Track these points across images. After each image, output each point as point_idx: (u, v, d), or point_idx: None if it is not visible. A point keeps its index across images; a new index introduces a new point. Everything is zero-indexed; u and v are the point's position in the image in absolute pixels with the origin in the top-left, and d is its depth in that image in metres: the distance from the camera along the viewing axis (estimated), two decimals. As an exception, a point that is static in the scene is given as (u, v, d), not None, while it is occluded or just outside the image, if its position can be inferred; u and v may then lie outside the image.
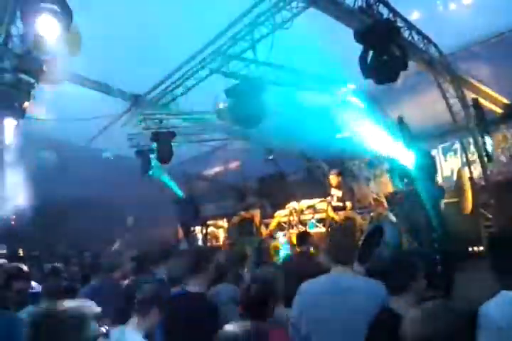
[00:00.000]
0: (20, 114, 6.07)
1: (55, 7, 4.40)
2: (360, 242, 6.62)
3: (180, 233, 14.16)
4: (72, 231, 10.96)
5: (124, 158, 10.90)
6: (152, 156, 10.08)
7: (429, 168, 7.41)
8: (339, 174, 10.42)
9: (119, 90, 8.77)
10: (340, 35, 5.59)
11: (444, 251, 6.10)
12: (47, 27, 4.63)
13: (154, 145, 9.51)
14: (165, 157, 9.31)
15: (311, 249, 6.14)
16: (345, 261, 3.20)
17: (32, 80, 5.83)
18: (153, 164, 10.28)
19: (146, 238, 11.48)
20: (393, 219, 8.09)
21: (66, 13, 4.53)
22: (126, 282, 4.27)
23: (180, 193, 13.33)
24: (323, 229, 9.32)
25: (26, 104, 5.98)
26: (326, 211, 9.60)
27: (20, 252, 9.89)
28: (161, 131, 9.40)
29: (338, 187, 10.22)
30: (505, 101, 8.21)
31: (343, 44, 5.60)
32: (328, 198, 9.77)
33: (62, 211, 11.11)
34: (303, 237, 6.25)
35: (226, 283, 4.35)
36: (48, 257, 9.38)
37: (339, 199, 10.00)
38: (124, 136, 9.89)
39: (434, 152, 9.20)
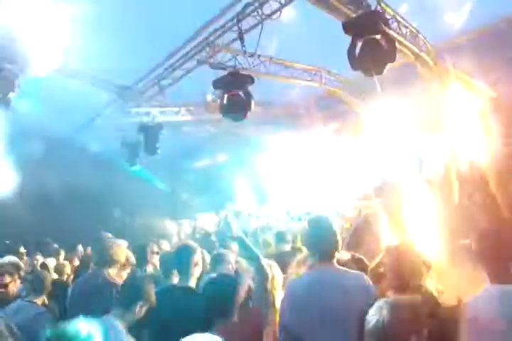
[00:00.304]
0: (5, 104, 5.99)
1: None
2: (349, 233, 6.65)
3: (169, 225, 14.14)
4: (60, 223, 10.86)
5: (112, 149, 10.81)
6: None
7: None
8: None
9: (106, 81, 8.68)
10: (328, 27, 5.57)
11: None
12: (32, 16, 4.56)
13: (141, 137, 9.43)
14: (152, 149, 9.24)
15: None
16: (327, 255, 3.02)
17: (17, 70, 5.74)
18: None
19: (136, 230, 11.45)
20: (381, 211, 8.13)
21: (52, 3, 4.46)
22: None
23: (163, 187, 13.29)
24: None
25: (11, 94, 5.90)
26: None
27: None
28: (148, 123, 9.32)
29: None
30: (492, 93, 8.25)
31: (330, 35, 5.58)
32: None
33: (50, 203, 10.99)
34: (281, 235, 6.32)
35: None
36: (36, 250, 9.30)
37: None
38: (112, 127, 9.79)
39: (421, 145, 9.24)
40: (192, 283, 3.69)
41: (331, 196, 10.17)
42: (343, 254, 3.85)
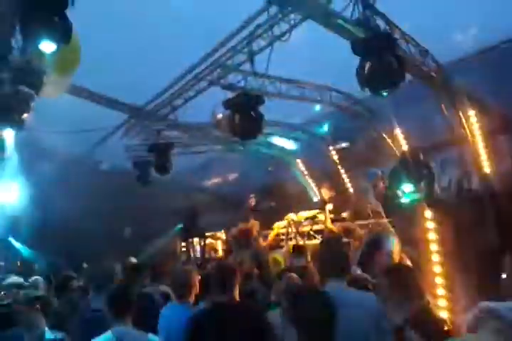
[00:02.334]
0: (19, 125, 6.07)
1: (55, 19, 4.41)
2: (360, 253, 6.64)
3: (179, 244, 14.12)
4: (71, 242, 10.90)
5: (123, 169, 10.89)
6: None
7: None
8: (332, 188, 10.54)
9: (118, 102, 8.81)
10: (338, 47, 5.64)
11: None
12: (46, 39, 4.64)
13: (153, 156, 9.49)
14: (163, 168, 9.30)
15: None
16: (337, 274, 3.17)
17: (31, 92, 5.83)
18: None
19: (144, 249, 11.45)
20: (391, 229, 8.08)
21: (66, 25, 4.55)
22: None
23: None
24: (321, 241, 9.31)
25: (25, 115, 5.98)
26: (324, 222, 9.58)
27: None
28: (159, 143, 9.40)
29: (331, 201, 10.30)
30: (502, 112, 8.24)
31: (340, 55, 5.64)
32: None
33: (61, 222, 11.04)
34: (299, 249, 6.32)
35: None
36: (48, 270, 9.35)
37: (334, 213, 10.03)
38: (123, 147, 9.89)
39: (432, 163, 9.21)
40: None
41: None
42: (353, 270, 3.93)
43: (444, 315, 5.46)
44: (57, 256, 9.76)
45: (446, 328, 2.93)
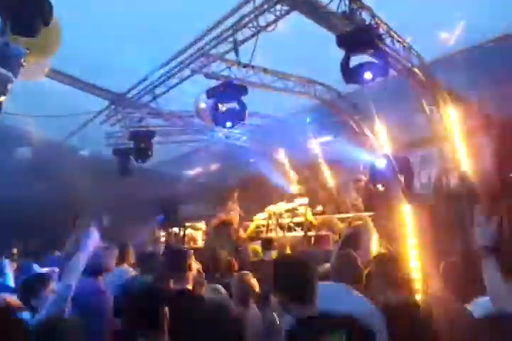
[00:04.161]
0: (-5, 108, 5.93)
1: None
2: (338, 245, 6.67)
3: (158, 234, 14.04)
4: (46, 229, 10.74)
5: (102, 156, 10.76)
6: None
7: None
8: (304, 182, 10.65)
9: (99, 88, 8.67)
10: (323, 40, 5.61)
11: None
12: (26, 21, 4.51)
13: (133, 144, 9.38)
14: (143, 157, 9.21)
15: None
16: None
17: (9, 74, 5.68)
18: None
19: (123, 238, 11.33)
20: (371, 224, 8.13)
21: (46, 6, 4.42)
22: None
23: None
24: (301, 233, 9.33)
25: (2, 98, 5.83)
26: (304, 215, 9.62)
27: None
28: (140, 130, 9.30)
29: (302, 195, 10.41)
30: (483, 110, 8.31)
31: (324, 48, 5.61)
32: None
33: (37, 209, 10.87)
34: (268, 243, 6.41)
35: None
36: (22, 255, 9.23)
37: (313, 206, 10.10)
38: (103, 134, 9.76)
39: (412, 159, 9.28)
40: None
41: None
42: None
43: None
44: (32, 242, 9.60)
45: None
